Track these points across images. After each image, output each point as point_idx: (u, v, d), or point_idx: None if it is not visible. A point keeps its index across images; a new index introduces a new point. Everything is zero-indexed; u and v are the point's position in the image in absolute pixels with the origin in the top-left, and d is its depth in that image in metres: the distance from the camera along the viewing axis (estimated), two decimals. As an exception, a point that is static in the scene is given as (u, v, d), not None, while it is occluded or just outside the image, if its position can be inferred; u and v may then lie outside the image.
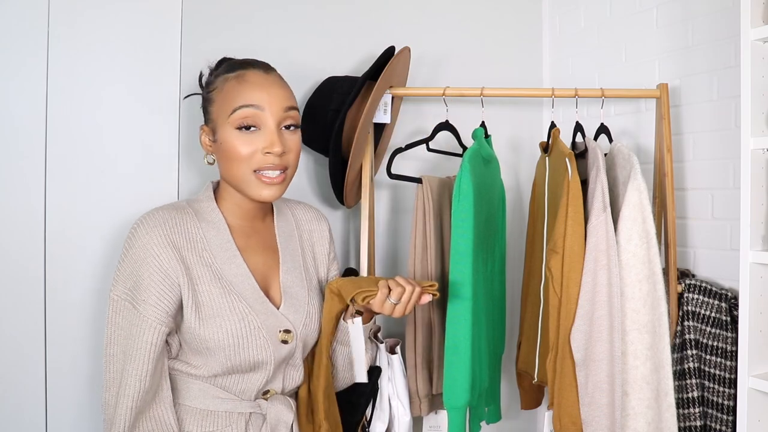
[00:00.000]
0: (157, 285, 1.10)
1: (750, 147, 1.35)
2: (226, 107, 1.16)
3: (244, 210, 1.23)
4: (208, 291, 1.14)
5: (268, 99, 1.16)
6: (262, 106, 1.15)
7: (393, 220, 1.88)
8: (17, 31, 1.30)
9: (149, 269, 1.11)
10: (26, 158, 1.32)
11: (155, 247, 1.11)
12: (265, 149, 1.14)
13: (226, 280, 1.16)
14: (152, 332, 1.09)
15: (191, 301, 1.13)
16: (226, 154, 1.16)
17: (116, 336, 1.11)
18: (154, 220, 1.14)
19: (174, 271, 1.12)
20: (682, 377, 1.59)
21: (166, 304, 1.11)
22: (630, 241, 1.47)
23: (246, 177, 1.16)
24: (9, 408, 1.29)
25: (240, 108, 1.15)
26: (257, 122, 1.15)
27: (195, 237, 1.17)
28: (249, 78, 1.17)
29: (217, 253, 1.17)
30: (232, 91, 1.16)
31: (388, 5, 1.86)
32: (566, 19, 2.11)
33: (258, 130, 1.15)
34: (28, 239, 1.32)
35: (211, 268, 1.16)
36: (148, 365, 1.09)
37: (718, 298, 1.58)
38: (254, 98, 1.15)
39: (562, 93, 1.71)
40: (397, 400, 1.55)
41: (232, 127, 1.15)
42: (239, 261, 1.19)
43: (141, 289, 1.11)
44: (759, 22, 1.34)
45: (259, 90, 1.16)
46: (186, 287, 1.13)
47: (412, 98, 1.85)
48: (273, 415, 1.18)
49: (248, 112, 1.14)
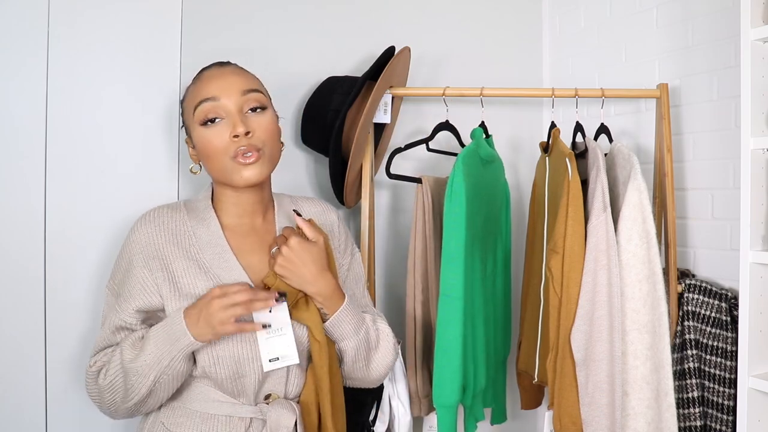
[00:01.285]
0: (138, 286, 1.17)
1: (750, 147, 1.35)
2: (189, 110, 1.20)
3: (241, 207, 1.24)
4: (193, 283, 1.16)
5: (222, 88, 1.18)
6: (217, 97, 1.17)
7: (393, 220, 1.88)
8: (17, 31, 1.30)
9: (134, 270, 1.17)
10: (26, 158, 1.32)
11: (144, 248, 1.18)
12: (231, 133, 1.16)
13: (213, 273, 1.18)
14: (124, 316, 1.17)
15: (176, 295, 1.16)
16: (203, 153, 1.19)
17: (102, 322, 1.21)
18: (146, 219, 1.21)
19: (154, 277, 1.16)
20: (682, 377, 1.59)
21: (141, 302, 1.17)
22: (630, 241, 1.47)
23: (226, 166, 1.17)
24: (9, 408, 1.29)
25: (199, 104, 1.18)
26: (218, 113, 1.17)
27: (183, 233, 1.20)
28: (204, 76, 1.21)
29: (204, 249, 1.19)
30: (192, 92, 1.21)
31: (388, 5, 1.86)
32: (566, 19, 2.11)
33: (222, 120, 1.17)
34: (28, 239, 1.32)
35: (197, 262, 1.18)
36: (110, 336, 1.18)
37: (718, 298, 1.58)
38: (209, 91, 1.18)
39: (562, 93, 1.71)
40: (397, 400, 1.55)
41: (198, 125, 1.18)
42: (229, 256, 1.19)
43: (125, 284, 1.18)
44: (759, 22, 1.34)
45: (213, 82, 1.19)
46: (168, 287, 1.16)
47: (412, 98, 1.85)
48: (273, 419, 1.16)
49: (207, 106, 1.17)
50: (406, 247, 1.75)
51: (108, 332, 1.19)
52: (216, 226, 1.22)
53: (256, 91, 1.20)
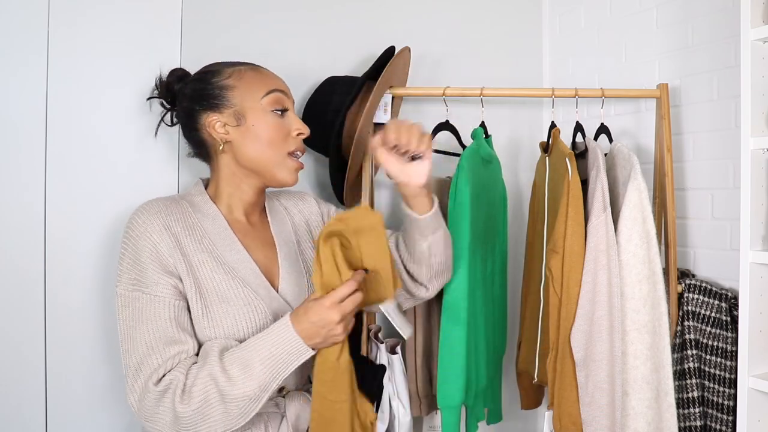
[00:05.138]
0: (159, 270, 1.09)
1: (750, 147, 1.35)
2: (255, 91, 1.20)
3: (246, 203, 1.23)
4: (211, 277, 1.13)
5: (285, 86, 1.23)
6: (286, 92, 1.23)
7: (393, 220, 1.88)
8: (17, 31, 1.30)
9: (150, 256, 1.09)
10: (26, 158, 1.32)
11: (154, 235, 1.10)
12: (298, 130, 1.21)
13: (229, 265, 1.15)
14: (170, 309, 1.07)
15: (194, 289, 1.11)
16: (264, 137, 1.19)
17: (129, 329, 1.07)
18: (150, 209, 1.14)
19: (173, 259, 1.10)
20: (682, 377, 1.59)
21: (175, 282, 1.10)
22: (630, 241, 1.47)
23: (279, 159, 1.20)
24: (9, 408, 1.29)
25: (273, 91, 1.20)
26: (287, 106, 1.22)
27: (193, 225, 1.17)
28: (261, 69, 1.24)
29: (216, 241, 1.17)
30: (256, 77, 1.21)
31: (388, 5, 1.86)
32: (566, 19, 2.11)
33: (287, 113, 1.22)
34: (28, 239, 1.32)
35: (212, 254, 1.15)
36: (173, 333, 1.06)
37: (718, 298, 1.58)
38: (278, 84, 1.22)
39: (562, 93, 1.71)
40: (397, 400, 1.55)
41: (267, 109, 1.19)
42: (239, 247, 1.18)
43: (147, 275, 1.09)
44: (759, 22, 1.34)
45: (277, 79, 1.23)
46: (186, 275, 1.11)
47: (412, 98, 1.85)
48: (292, 412, 1.15)
49: (279, 96, 1.21)
50: (406, 247, 1.74)
51: (155, 329, 1.06)
52: (222, 220, 1.20)
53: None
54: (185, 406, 1.01)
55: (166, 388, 1.03)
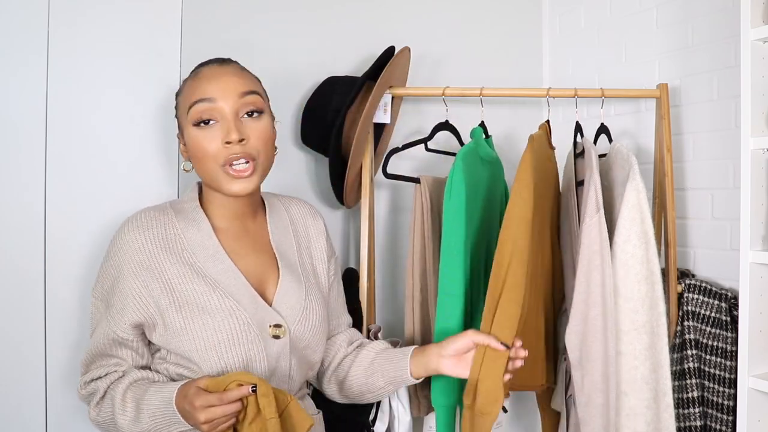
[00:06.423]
0: (130, 298, 1.13)
1: (750, 147, 1.35)
2: (184, 107, 1.17)
3: (230, 210, 1.21)
4: (191, 289, 1.13)
5: (220, 89, 1.14)
6: (214, 98, 1.13)
7: (393, 220, 1.88)
8: (17, 31, 1.30)
9: (124, 280, 1.14)
10: (26, 158, 1.32)
11: (134, 259, 1.14)
12: (224, 139, 1.12)
13: (210, 277, 1.14)
14: (116, 336, 1.15)
15: (173, 305, 1.12)
16: (193, 153, 1.16)
17: (92, 328, 1.20)
18: (133, 224, 1.16)
19: (143, 298, 1.13)
20: (682, 377, 1.59)
21: (136, 316, 1.14)
22: (628, 241, 1.47)
23: (215, 173, 1.14)
24: (9, 408, 1.29)
25: (194, 104, 1.14)
26: (213, 115, 1.13)
27: (174, 238, 1.16)
28: (202, 73, 1.17)
29: (197, 252, 1.16)
30: (188, 89, 1.17)
31: (388, 5, 1.86)
32: (566, 19, 2.11)
33: (216, 123, 1.13)
34: (28, 239, 1.32)
35: (192, 267, 1.15)
36: (104, 346, 1.16)
37: (718, 298, 1.58)
38: (206, 91, 1.14)
39: (559, 93, 1.71)
40: (397, 400, 1.55)
41: (191, 125, 1.15)
42: (223, 257, 1.17)
43: (114, 302, 1.15)
44: (759, 22, 1.34)
45: (212, 82, 1.14)
46: (165, 295, 1.12)
47: (412, 98, 1.85)
48: None
49: (202, 107, 1.13)
50: (405, 247, 1.75)
51: (102, 341, 1.16)
52: (207, 227, 1.19)
53: (254, 93, 1.17)
54: (96, 416, 1.16)
55: (90, 393, 1.18)
